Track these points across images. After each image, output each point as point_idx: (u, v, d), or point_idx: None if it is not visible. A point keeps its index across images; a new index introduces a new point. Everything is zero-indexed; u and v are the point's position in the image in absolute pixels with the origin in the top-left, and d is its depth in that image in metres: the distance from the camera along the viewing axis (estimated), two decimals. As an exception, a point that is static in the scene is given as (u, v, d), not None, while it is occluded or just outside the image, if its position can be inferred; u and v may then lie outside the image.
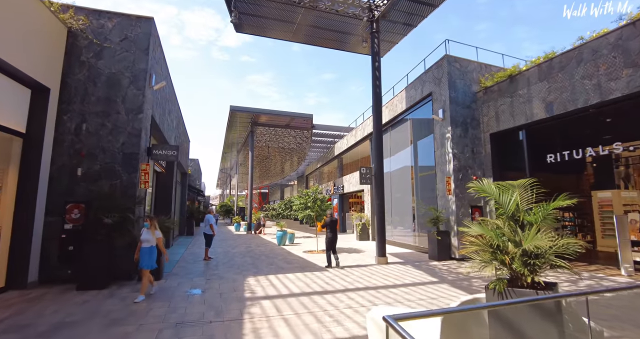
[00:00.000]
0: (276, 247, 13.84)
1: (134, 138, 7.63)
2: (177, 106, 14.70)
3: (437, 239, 10.24)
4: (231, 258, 10.98)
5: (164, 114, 10.79)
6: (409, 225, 13.52)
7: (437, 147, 11.47)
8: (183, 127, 17.65)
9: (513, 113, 9.93)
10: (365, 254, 11.71)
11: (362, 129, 18.74)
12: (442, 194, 11.03)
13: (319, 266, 9.18)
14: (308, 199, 12.54)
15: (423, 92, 12.42)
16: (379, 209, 9.92)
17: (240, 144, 30.69)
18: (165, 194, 13.83)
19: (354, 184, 20.03)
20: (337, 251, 12.47)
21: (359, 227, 16.80)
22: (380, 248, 9.64)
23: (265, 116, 21.80)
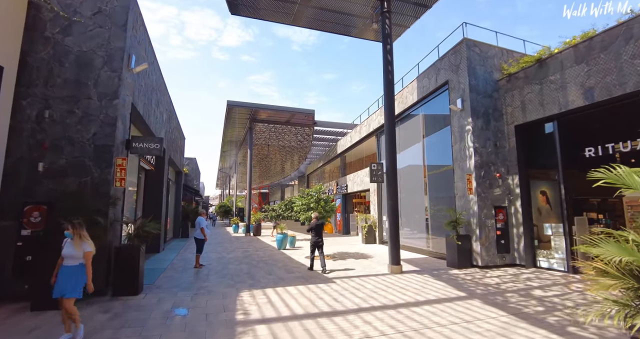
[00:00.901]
0: (276, 252, 12.69)
1: (108, 128, 6.49)
2: (168, 98, 13.56)
3: (457, 245, 9.08)
4: (225, 265, 9.82)
5: (149, 104, 9.65)
6: (421, 228, 12.36)
7: (454, 141, 10.31)
8: (176, 122, 16.52)
9: (543, 102, 8.76)
10: (375, 261, 10.55)
11: (368, 124, 17.59)
12: (461, 193, 9.87)
13: (324, 277, 8.02)
14: (310, 199, 11.40)
15: (438, 81, 11.27)
16: (392, 210, 8.76)
17: (239, 142, 29.57)
18: (155, 193, 12.69)
19: (358, 183, 18.89)
20: (343, 256, 11.37)
21: (365, 229, 15.64)
22: (393, 255, 8.48)
23: (264, 112, 20.66)
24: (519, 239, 9.30)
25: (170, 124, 14.42)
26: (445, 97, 11.09)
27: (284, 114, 21.16)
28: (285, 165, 39.94)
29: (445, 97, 11.13)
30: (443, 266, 9.55)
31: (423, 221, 12.21)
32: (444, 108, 11.34)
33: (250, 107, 19.74)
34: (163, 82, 12.18)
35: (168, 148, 13.92)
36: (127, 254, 6.30)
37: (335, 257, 11.33)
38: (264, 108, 19.99)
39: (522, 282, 7.42)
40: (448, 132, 10.82)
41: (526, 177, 9.47)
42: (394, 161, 8.95)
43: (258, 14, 10.97)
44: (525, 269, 8.93)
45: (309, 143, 27.57)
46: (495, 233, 9.29)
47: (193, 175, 34.67)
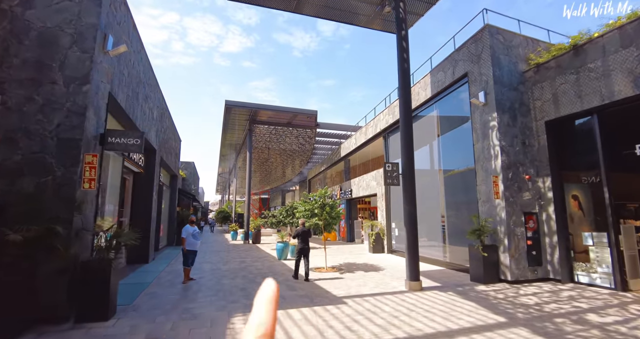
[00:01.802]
0: (276, 263, 11.53)
1: (76, 118, 5.42)
2: (160, 95, 12.54)
3: (483, 256, 7.94)
4: (219, 279, 8.68)
5: (135, 98, 8.61)
6: (437, 237, 11.21)
7: (476, 140, 9.23)
8: (170, 122, 15.49)
9: (580, 93, 7.69)
10: (388, 274, 9.39)
11: (374, 125, 16.54)
12: (485, 197, 8.75)
13: (332, 295, 6.87)
14: (314, 204, 10.28)
15: (455, 73, 10.22)
16: (409, 217, 7.64)
17: (238, 145, 28.55)
18: (144, 198, 11.60)
19: (363, 187, 17.78)
20: (350, 267, 10.19)
21: (372, 237, 14.48)
22: (412, 269, 7.33)
23: (264, 112, 19.66)
24: (552, 250, 8.16)
25: (163, 123, 13.38)
26: (464, 91, 10.05)
27: (285, 115, 20.15)
28: (286, 170, 38.87)
29: (463, 91, 10.09)
30: (466, 280, 8.39)
31: (439, 229, 11.07)
32: (462, 103, 10.30)
33: (249, 107, 18.74)
34: (153, 77, 11.17)
35: (160, 149, 12.87)
36: (96, 270, 5.19)
37: (342, 269, 10.18)
38: (264, 108, 19.00)
39: (567, 302, 6.26)
40: (468, 129, 9.75)
41: (559, 179, 8.36)
42: (411, 160, 7.85)
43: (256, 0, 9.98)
44: (562, 284, 7.77)
45: (311, 146, 26.54)
46: (525, 243, 8.16)
47: (191, 180, 33.59)
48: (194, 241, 8.20)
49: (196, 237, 8.24)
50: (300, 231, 8.72)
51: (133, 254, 11.15)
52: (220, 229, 40.20)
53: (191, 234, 8.23)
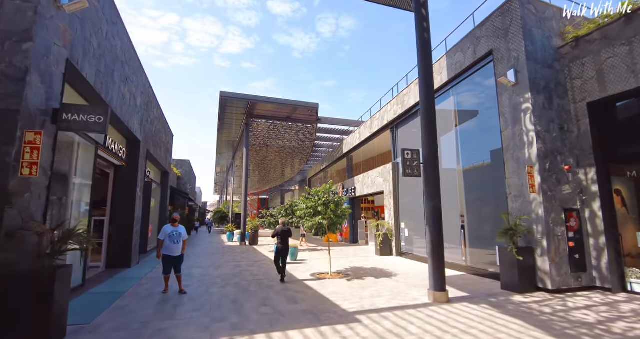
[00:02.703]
0: (273, 268, 10.24)
1: (11, 84, 4.19)
2: (145, 80, 11.31)
3: (518, 261, 6.71)
4: (207, 287, 7.44)
5: (109, 77, 7.37)
6: (455, 238, 9.97)
7: (505, 126, 8.01)
8: (159, 113, 14.25)
9: (635, 68, 6.48)
10: (401, 281, 8.15)
11: (380, 117, 15.32)
12: (517, 192, 7.53)
13: (342, 310, 5.62)
14: (317, 201, 9.04)
15: (477, 52, 9.02)
16: (433, 215, 6.40)
17: (235, 143, 27.32)
18: (127, 194, 10.35)
19: (368, 185, 16.54)
20: (357, 273, 8.81)
21: (380, 238, 13.24)
22: (437, 278, 6.09)
23: (262, 105, 18.43)
24: (598, 254, 6.93)
25: (150, 113, 12.15)
26: (488, 72, 8.85)
27: (285, 109, 18.94)
28: (285, 169, 37.64)
29: (487, 72, 8.89)
30: (495, 288, 7.16)
31: (457, 229, 9.83)
32: (484, 86, 9.10)
33: (246, 99, 17.51)
34: (136, 58, 9.93)
35: (146, 141, 11.64)
36: (34, 283, 3.94)
37: (349, 275, 8.94)
38: (262, 101, 17.77)
39: (636, 320, 5.03)
40: (493, 115, 8.55)
41: (605, 170, 7.14)
42: (434, 147, 6.61)
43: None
44: (613, 294, 6.53)
45: (311, 143, 25.33)
46: (566, 245, 6.93)
47: (187, 178, 32.33)
48: (171, 245, 6.91)
49: (174, 240, 6.94)
50: (280, 231, 8.40)
51: (113, 257, 9.91)
52: (218, 230, 38.92)
53: (168, 236, 6.97)
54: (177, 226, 7.13)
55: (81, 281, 7.13)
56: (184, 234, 7.14)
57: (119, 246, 10.03)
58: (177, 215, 7.40)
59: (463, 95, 10.05)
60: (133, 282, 8.00)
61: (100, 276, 8.60)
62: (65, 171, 6.65)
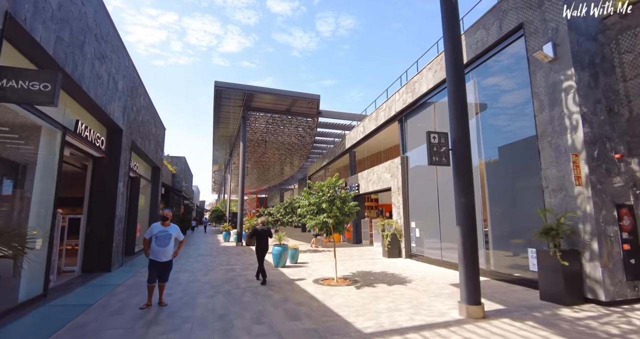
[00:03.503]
0: (272, 272, 9.17)
1: None
2: (128, 62, 10.15)
3: (562, 266, 5.61)
4: (193, 297, 6.32)
5: (78, 49, 6.23)
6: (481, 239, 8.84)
7: (539, 108, 6.90)
8: (147, 103, 13.10)
9: None
10: (420, 289, 7.03)
11: (387, 108, 14.20)
12: (556, 185, 6.42)
13: (356, 329, 4.48)
14: (321, 197, 7.92)
15: (503, 27, 7.91)
16: (464, 212, 5.28)
17: (232, 138, 26.18)
18: (106, 190, 9.22)
19: (374, 181, 15.43)
20: (366, 278, 7.27)
21: (388, 239, 12.14)
22: (471, 289, 4.98)
23: (260, 96, 17.31)
24: (656, 258, 5.83)
25: (135, 100, 11.00)
26: (515, 50, 7.75)
27: (284, 101, 17.82)
28: (284, 166, 36.53)
29: (514, 50, 7.79)
30: (531, 297, 6.06)
31: (480, 230, 8.72)
32: (512, 66, 8.00)
33: (243, 89, 16.38)
34: (116, 36, 8.79)
35: (130, 130, 10.50)
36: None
37: (358, 281, 7.83)
38: (259, 91, 16.64)
39: None
40: (523, 98, 7.45)
41: (663, 159, 6.05)
42: (465, 130, 5.48)
43: None
44: (679, 307, 5.44)
45: (312, 138, 24.23)
46: (620, 248, 5.83)
47: (182, 176, 31.15)
48: (157, 249, 5.76)
49: (162, 243, 5.78)
50: (260, 230, 8.10)
51: (91, 260, 8.79)
52: (215, 230, 37.80)
53: (154, 237, 5.83)
54: (167, 225, 5.95)
55: (41, 290, 6.00)
56: (176, 235, 5.98)
57: (97, 247, 8.90)
58: (168, 212, 6.16)
59: (485, 78, 8.94)
60: (108, 290, 6.87)
61: (72, 283, 7.48)
62: (22, 160, 5.52)
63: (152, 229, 5.89)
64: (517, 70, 7.76)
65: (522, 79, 7.56)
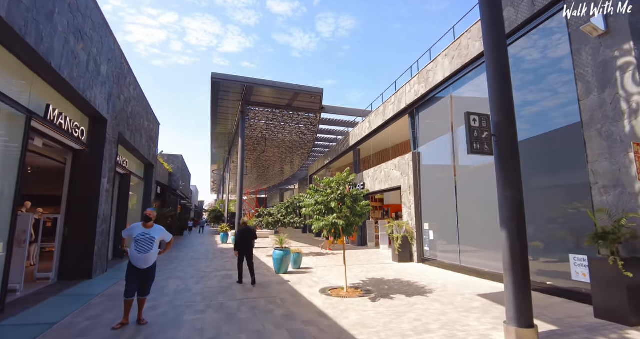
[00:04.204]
0: (272, 280, 8.18)
1: None
2: (114, 45, 9.17)
3: (626, 278, 4.63)
4: (180, 312, 5.33)
5: (43, 15, 5.25)
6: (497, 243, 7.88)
7: (586, 92, 5.93)
8: (138, 93, 12.12)
9: None
10: (445, 301, 6.04)
11: (397, 100, 13.23)
12: (608, 181, 5.44)
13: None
14: (330, 195, 6.93)
15: (535, 2, 6.94)
16: (512, 210, 4.30)
17: (231, 136, 25.19)
18: (88, 186, 8.24)
19: (381, 180, 14.46)
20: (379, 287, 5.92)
21: (398, 242, 11.15)
22: (521, 307, 3.99)
23: (260, 90, 16.33)
24: None
25: (123, 89, 10.02)
26: (549, 28, 6.78)
27: (285, 94, 16.83)
28: (284, 165, 35.56)
29: (548, 28, 6.82)
30: (582, 314, 5.08)
31: (505, 230, 7.75)
32: (546, 45, 7.03)
33: (242, 82, 15.41)
34: (98, 13, 7.81)
35: (117, 122, 9.54)
36: None
37: (371, 291, 6.83)
38: (259, 84, 15.65)
39: None
40: (560, 81, 6.49)
41: None
42: (510, 111, 4.50)
43: None
44: None
45: (314, 136, 23.25)
46: (692, 256, 4.85)
47: (179, 175, 30.18)
48: (136, 255, 4.75)
49: (142, 248, 4.73)
50: (244, 230, 7.86)
51: (69, 265, 7.80)
52: (213, 230, 36.79)
53: (134, 240, 4.84)
54: (150, 226, 4.98)
55: (-4, 305, 5.01)
56: (161, 238, 5.02)
57: (76, 251, 7.92)
58: (151, 211, 5.10)
59: (514, 62, 7.96)
60: (82, 302, 5.88)
61: (43, 293, 6.49)
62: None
63: (132, 231, 4.90)
64: (555, 48, 6.79)
65: (561, 59, 6.59)
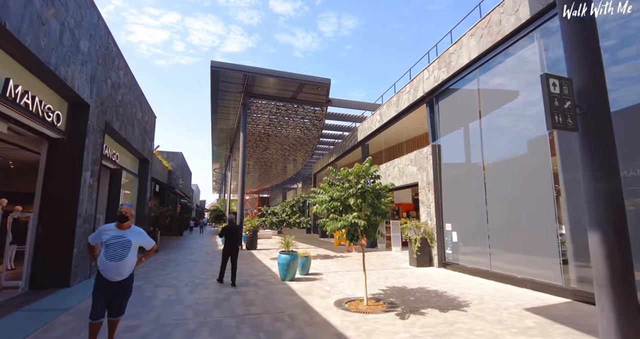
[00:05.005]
0: (278, 288, 7.10)
1: None
2: (97, 20, 8.09)
3: None
4: (164, 336, 4.26)
5: None
6: (543, 246, 6.78)
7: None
8: (130, 81, 11.06)
9: None
10: (491, 318, 4.93)
11: (412, 89, 12.12)
12: None
13: None
14: (348, 190, 5.83)
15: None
16: (608, 206, 3.18)
17: (232, 132, 24.14)
18: (66, 181, 7.18)
19: (395, 176, 13.35)
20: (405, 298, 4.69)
21: (417, 244, 10.05)
22: (624, 332, 2.89)
23: (263, 80, 15.26)
24: None
25: (110, 73, 8.97)
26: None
27: (289, 85, 15.76)
28: (287, 164, 34.53)
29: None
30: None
31: (549, 233, 6.65)
32: (607, 13, 5.90)
33: (243, 71, 14.36)
34: None
35: (103, 108, 8.49)
36: None
37: (395, 304, 5.73)
38: (262, 73, 14.57)
39: None
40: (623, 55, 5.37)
41: None
42: (600, 75, 3.39)
43: None
44: None
45: (319, 132, 22.20)
46: None
47: (179, 173, 29.18)
48: (107, 263, 3.65)
49: (115, 254, 3.64)
50: (230, 229, 7.64)
51: (43, 272, 6.74)
52: (214, 230, 35.78)
53: (104, 245, 3.75)
54: (126, 227, 3.89)
55: None
56: (140, 243, 3.96)
57: (52, 255, 6.86)
58: (127, 207, 3.92)
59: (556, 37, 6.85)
60: (44, 320, 4.82)
61: (5, 306, 5.43)
62: None
63: (101, 234, 3.82)
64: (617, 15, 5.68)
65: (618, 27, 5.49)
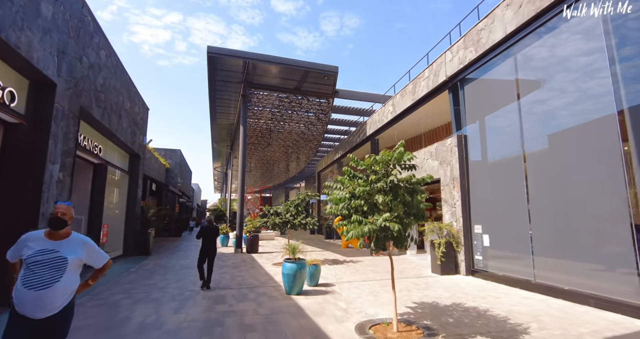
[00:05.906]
0: (283, 306, 5.81)
1: None
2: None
3: None
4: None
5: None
6: (618, 254, 5.46)
7: None
8: (113, 63, 9.80)
9: None
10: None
11: (433, 74, 10.80)
12: None
13: None
14: (373, 184, 4.53)
15: None
16: None
17: (233, 128, 22.90)
18: (25, 175, 5.94)
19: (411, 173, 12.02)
20: (439, 318, 4.14)
21: (442, 248, 8.74)
22: None
23: (265, 68, 13.99)
24: None
25: (87, 51, 7.72)
26: None
27: (294, 74, 14.49)
28: (290, 162, 33.26)
29: None
30: None
31: (621, 235, 5.34)
32: None
33: (243, 57, 13.10)
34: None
35: (78, 93, 7.27)
36: None
37: (431, 328, 4.43)
38: (263, 60, 13.31)
39: None
40: None
41: None
42: None
43: None
44: None
45: (324, 127, 20.92)
46: None
47: (177, 171, 27.97)
48: (24, 292, 2.32)
49: (37, 278, 2.32)
50: (206, 229, 7.42)
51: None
52: (214, 231, 34.57)
53: (25, 263, 2.40)
54: (61, 236, 2.58)
55: None
56: (83, 260, 2.65)
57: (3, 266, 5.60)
58: (67, 207, 2.63)
59: None
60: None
61: None
62: None
63: (20, 248, 2.54)
64: None
65: None
